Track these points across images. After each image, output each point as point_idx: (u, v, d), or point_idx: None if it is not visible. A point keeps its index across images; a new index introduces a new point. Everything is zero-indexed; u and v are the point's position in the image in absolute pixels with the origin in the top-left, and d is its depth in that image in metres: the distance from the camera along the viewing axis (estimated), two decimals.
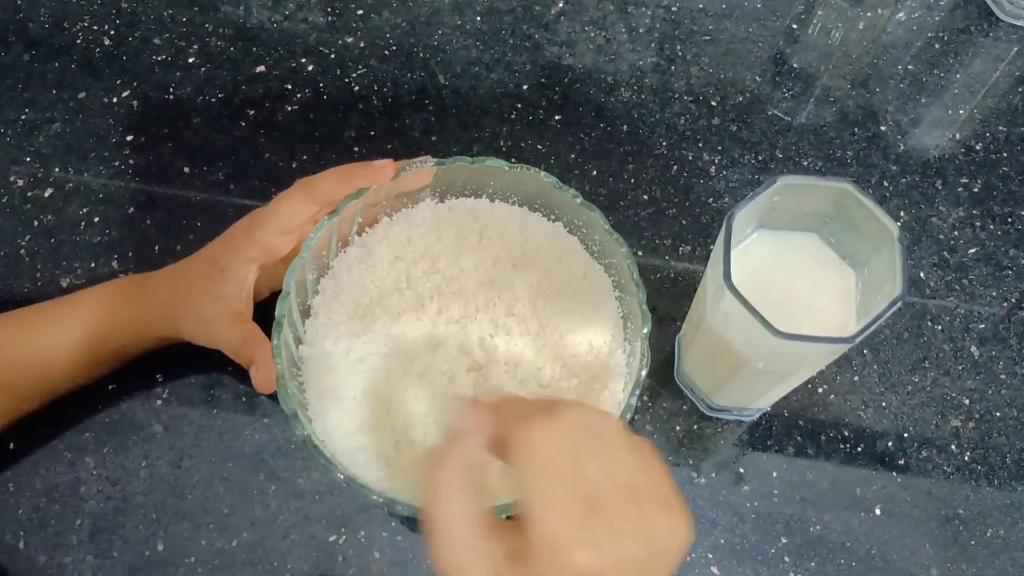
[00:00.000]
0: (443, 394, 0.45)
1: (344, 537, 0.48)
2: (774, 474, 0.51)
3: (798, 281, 0.45)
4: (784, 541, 0.49)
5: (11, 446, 0.50)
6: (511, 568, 0.29)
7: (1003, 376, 0.55)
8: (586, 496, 0.29)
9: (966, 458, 0.52)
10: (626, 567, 0.28)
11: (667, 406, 0.53)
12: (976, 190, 0.62)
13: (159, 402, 0.52)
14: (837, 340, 0.38)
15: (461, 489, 0.31)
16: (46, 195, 0.59)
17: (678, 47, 0.68)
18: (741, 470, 0.51)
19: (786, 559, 0.49)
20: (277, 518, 0.49)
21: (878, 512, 0.50)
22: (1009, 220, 0.61)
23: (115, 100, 0.64)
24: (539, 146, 0.63)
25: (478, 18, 0.69)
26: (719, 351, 0.44)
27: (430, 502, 0.31)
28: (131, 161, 0.61)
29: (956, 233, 0.60)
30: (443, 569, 0.30)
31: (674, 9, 0.70)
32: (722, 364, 0.45)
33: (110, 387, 0.52)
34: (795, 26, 0.70)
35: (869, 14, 0.70)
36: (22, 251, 0.57)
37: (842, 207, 0.42)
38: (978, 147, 0.64)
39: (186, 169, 0.61)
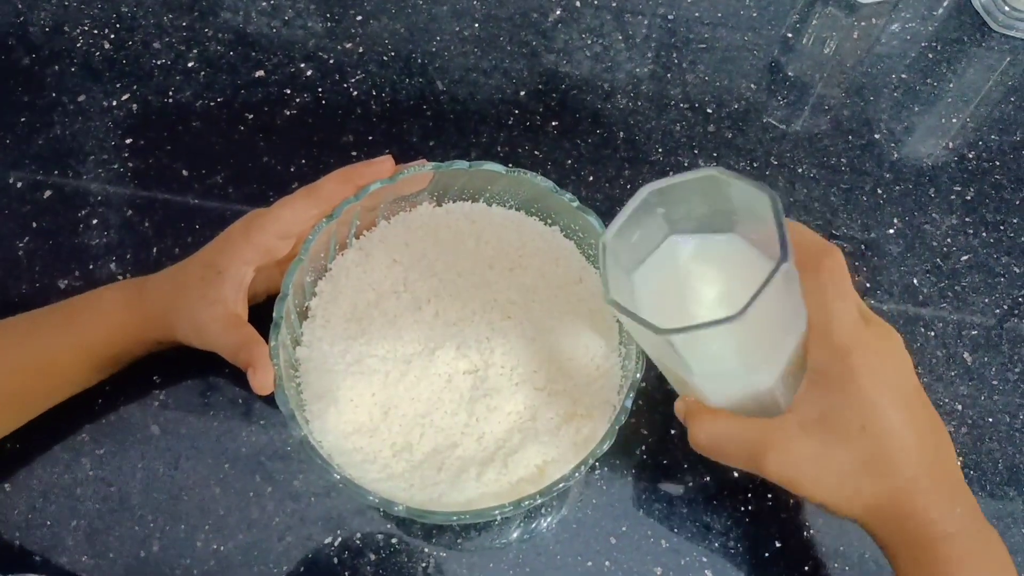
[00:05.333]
0: (439, 396, 0.46)
1: (340, 539, 0.49)
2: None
3: (720, 284, 0.40)
4: (778, 545, 0.49)
5: (7, 447, 0.50)
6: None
7: (995, 382, 0.55)
8: None
9: (959, 464, 0.53)
10: None
11: (661, 410, 0.53)
12: (969, 198, 0.63)
13: (156, 404, 0.52)
14: (719, 322, 0.33)
15: None
16: (45, 197, 0.60)
17: (674, 55, 0.69)
18: (735, 474, 0.51)
19: (780, 563, 0.49)
20: (273, 520, 0.49)
21: None
22: (1001, 228, 0.61)
23: (114, 104, 0.64)
24: (536, 152, 0.63)
25: (476, 25, 0.70)
26: (664, 370, 0.43)
27: None
28: (130, 165, 0.62)
29: (949, 240, 0.61)
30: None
31: (670, 17, 0.71)
32: (674, 382, 0.44)
33: (107, 389, 0.52)
34: (790, 35, 0.71)
35: (863, 24, 0.71)
36: (20, 253, 0.57)
37: (726, 196, 0.38)
38: (971, 155, 0.65)
39: (185, 173, 0.61)
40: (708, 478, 0.51)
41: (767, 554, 0.49)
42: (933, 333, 0.57)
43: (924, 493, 0.38)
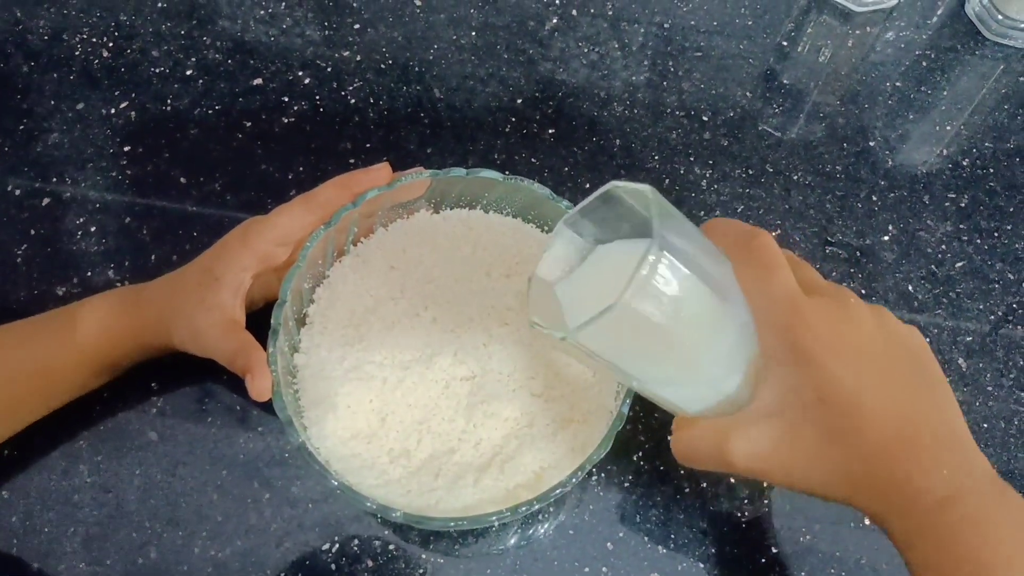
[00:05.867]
0: (436, 402, 0.46)
1: (337, 545, 0.49)
2: (764, 484, 0.52)
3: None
4: (775, 551, 0.50)
5: (5, 453, 0.50)
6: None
7: (990, 388, 0.56)
8: None
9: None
10: None
11: (658, 416, 0.53)
12: (963, 205, 0.63)
13: (154, 411, 0.52)
14: (602, 313, 0.33)
15: None
16: (43, 204, 0.60)
17: (670, 63, 0.69)
18: (732, 480, 0.52)
19: (777, 569, 0.49)
20: (271, 526, 0.49)
21: (868, 522, 0.51)
22: (995, 234, 0.62)
23: (113, 111, 0.65)
24: (533, 159, 0.63)
25: (473, 33, 0.70)
26: (639, 392, 0.41)
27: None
28: (128, 172, 0.62)
29: (944, 247, 0.61)
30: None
31: (666, 26, 0.71)
32: (651, 399, 0.42)
33: (104, 395, 0.52)
34: (785, 43, 0.71)
35: (858, 32, 0.72)
36: (19, 260, 0.57)
37: (632, 206, 0.37)
38: (965, 163, 0.65)
39: (183, 180, 0.61)
40: (705, 484, 0.51)
41: (763, 560, 0.49)
42: (928, 339, 0.57)
43: (903, 459, 0.35)
